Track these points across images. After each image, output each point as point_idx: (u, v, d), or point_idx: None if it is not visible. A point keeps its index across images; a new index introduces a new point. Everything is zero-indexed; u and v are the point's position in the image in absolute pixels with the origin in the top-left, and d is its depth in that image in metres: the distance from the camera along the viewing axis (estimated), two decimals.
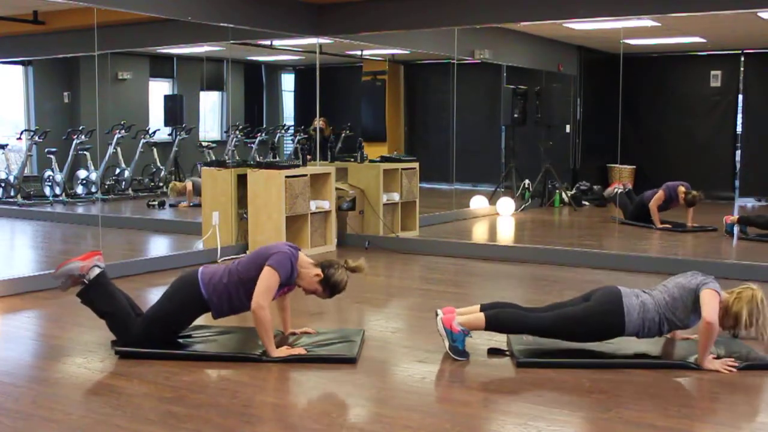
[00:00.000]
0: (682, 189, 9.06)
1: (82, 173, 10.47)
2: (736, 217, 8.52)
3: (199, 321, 5.16)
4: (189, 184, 10.15)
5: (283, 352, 4.06)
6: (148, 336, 4.10)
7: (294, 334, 4.46)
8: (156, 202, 10.18)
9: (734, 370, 3.89)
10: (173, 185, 10.46)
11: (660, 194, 9.10)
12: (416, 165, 8.72)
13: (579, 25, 9.02)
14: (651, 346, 4.26)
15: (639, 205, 9.30)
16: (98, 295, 4.17)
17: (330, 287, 4.20)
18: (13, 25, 8.17)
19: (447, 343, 4.12)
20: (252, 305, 4.02)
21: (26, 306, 5.32)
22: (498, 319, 4.13)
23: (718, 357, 3.99)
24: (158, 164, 11.06)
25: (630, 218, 9.35)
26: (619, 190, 9.61)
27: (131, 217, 9.68)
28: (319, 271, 4.19)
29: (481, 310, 4.22)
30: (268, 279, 4.06)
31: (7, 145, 10.47)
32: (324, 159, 8.77)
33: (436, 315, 4.22)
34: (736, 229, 8.33)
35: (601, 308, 4.06)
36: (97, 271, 4.18)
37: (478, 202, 10.48)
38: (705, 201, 9.34)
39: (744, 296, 3.98)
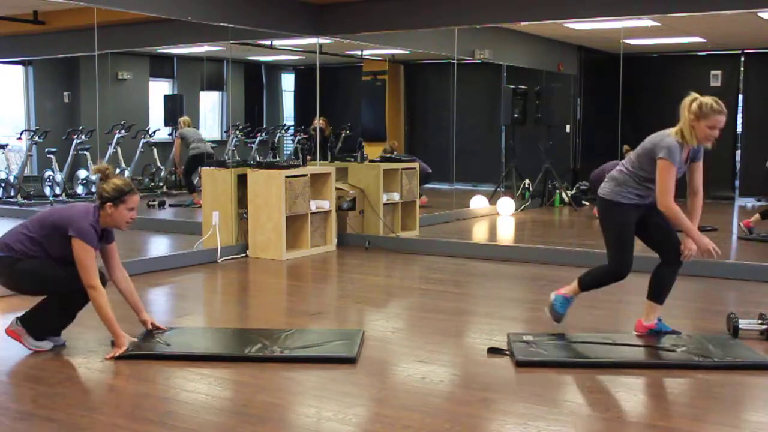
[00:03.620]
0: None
1: (82, 173, 10.48)
2: (756, 216, 8.26)
3: (198, 323, 5.17)
4: (177, 140, 10.14)
5: (124, 342, 4.07)
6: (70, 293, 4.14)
7: (158, 328, 4.41)
8: (156, 202, 10.18)
9: (714, 256, 4.24)
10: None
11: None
12: (416, 165, 8.72)
13: (579, 25, 9.02)
14: (651, 344, 4.26)
15: None
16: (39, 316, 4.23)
17: (119, 198, 4.11)
18: (13, 25, 8.17)
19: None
20: (86, 288, 4.02)
21: (26, 306, 5.29)
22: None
23: (713, 359, 4.00)
24: (158, 164, 11.06)
25: None
26: None
27: None
28: (108, 204, 4.10)
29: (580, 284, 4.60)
30: (83, 256, 4.02)
31: (7, 145, 10.48)
32: (324, 159, 8.77)
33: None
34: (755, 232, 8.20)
35: (610, 222, 4.46)
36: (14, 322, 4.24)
37: (478, 202, 10.48)
38: (705, 201, 9.30)
39: (685, 106, 4.32)
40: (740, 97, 11.91)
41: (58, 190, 10.21)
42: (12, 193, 10.26)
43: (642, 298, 4.91)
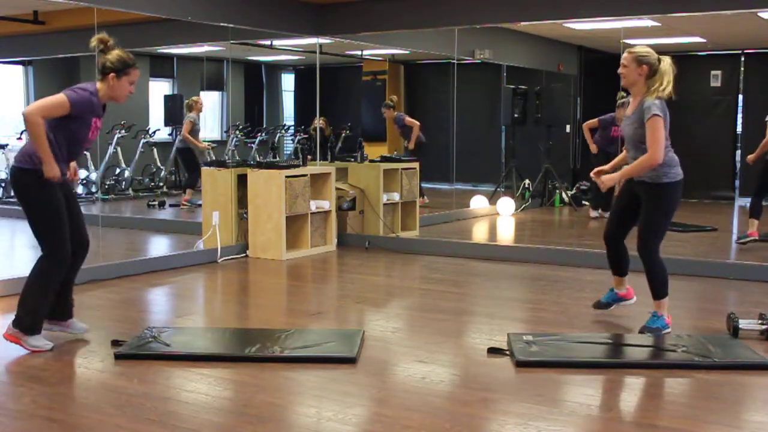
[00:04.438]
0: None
1: (82, 173, 10.46)
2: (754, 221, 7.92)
3: (198, 323, 5.17)
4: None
5: (54, 172, 3.98)
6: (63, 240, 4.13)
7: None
8: (156, 202, 10.17)
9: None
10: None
11: (594, 121, 9.66)
12: (416, 165, 8.72)
13: (579, 25, 9.02)
14: (651, 344, 4.26)
15: None
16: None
17: (122, 70, 4.15)
18: (13, 25, 8.16)
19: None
20: (25, 110, 3.92)
21: None
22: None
23: (713, 359, 4.00)
24: (158, 164, 11.06)
25: None
26: None
27: (131, 217, 9.67)
28: (111, 75, 4.13)
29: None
30: (53, 99, 3.97)
31: (7, 145, 10.46)
32: (324, 159, 8.77)
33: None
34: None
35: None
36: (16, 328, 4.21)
37: (478, 202, 10.48)
38: (705, 201, 9.30)
39: None
40: (740, 97, 11.90)
41: None
42: (12, 193, 10.25)
43: (642, 298, 4.93)
